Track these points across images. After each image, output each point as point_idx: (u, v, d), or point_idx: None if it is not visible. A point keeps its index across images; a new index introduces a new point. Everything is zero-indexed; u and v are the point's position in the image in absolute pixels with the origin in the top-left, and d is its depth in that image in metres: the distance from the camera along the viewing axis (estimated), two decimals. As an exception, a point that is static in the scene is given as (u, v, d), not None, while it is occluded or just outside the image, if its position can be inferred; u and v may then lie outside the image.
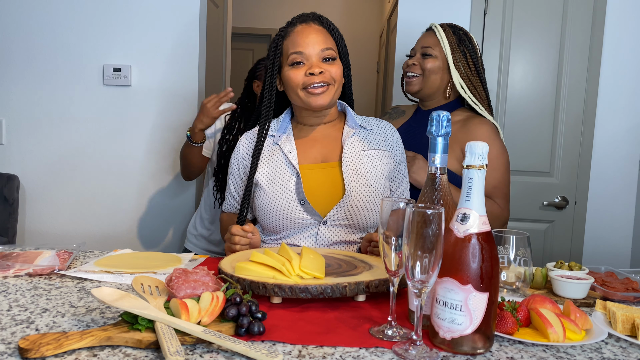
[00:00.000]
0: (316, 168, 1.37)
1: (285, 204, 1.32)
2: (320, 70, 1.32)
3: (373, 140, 1.42)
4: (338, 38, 1.40)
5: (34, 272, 1.17)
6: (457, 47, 1.70)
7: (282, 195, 1.33)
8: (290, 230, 1.35)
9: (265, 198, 1.35)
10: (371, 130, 1.44)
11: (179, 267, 1.08)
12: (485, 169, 0.83)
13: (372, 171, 1.37)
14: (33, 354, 0.75)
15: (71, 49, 2.59)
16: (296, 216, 1.32)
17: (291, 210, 1.32)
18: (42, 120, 2.62)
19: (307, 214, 1.33)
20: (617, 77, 2.46)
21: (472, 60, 1.71)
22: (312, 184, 1.35)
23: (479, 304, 0.81)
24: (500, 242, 1.07)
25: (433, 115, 0.90)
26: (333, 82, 1.34)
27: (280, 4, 4.96)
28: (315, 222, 1.34)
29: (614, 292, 1.12)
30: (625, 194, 2.50)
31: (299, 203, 1.32)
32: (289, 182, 1.34)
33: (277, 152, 1.40)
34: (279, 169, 1.37)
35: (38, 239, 2.66)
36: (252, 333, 0.84)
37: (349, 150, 1.38)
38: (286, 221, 1.33)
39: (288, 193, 1.33)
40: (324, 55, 1.34)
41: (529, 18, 2.44)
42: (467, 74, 1.70)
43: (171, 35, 2.57)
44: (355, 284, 1.00)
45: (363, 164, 1.37)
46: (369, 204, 1.33)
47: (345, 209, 1.32)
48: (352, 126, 1.42)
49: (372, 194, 1.34)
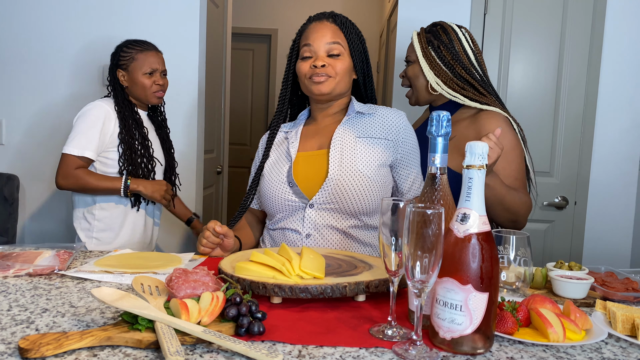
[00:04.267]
0: (309, 155, 1.46)
1: (276, 187, 1.44)
2: (322, 63, 1.42)
3: (371, 127, 1.46)
4: (350, 35, 1.47)
5: (34, 272, 1.17)
6: (428, 45, 1.67)
7: (275, 179, 1.45)
8: (282, 213, 1.45)
9: (263, 182, 1.49)
10: (371, 117, 1.48)
11: (179, 267, 1.08)
12: (485, 169, 0.83)
13: (363, 157, 1.40)
14: (33, 354, 0.75)
15: (71, 49, 2.59)
16: (285, 198, 1.42)
17: (281, 192, 1.43)
18: (42, 120, 2.62)
19: (295, 196, 1.42)
20: (617, 77, 2.46)
21: (447, 52, 1.65)
22: (302, 168, 1.44)
23: (479, 304, 0.81)
24: (500, 242, 1.07)
25: (433, 115, 0.90)
26: (335, 75, 1.43)
27: (280, 4, 4.96)
28: (302, 204, 1.41)
29: (614, 292, 1.12)
30: (625, 194, 2.50)
31: (288, 185, 1.42)
32: (283, 168, 1.46)
33: (284, 145, 1.52)
34: (280, 158, 1.50)
35: (38, 239, 2.66)
36: (252, 333, 0.84)
37: (338, 137, 1.44)
38: (277, 203, 1.43)
39: (280, 177, 1.45)
40: (330, 50, 1.44)
41: (529, 18, 2.44)
42: (444, 67, 1.66)
43: (171, 35, 2.57)
44: (355, 284, 1.00)
45: (353, 150, 1.41)
46: (354, 188, 1.37)
47: (329, 192, 1.38)
48: (349, 113, 1.48)
49: (359, 179, 1.37)
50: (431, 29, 1.71)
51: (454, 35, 1.67)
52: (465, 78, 1.66)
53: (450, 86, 1.65)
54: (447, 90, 1.65)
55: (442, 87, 1.66)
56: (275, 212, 1.45)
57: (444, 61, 1.66)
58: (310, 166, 1.44)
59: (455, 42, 1.66)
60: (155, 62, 2.02)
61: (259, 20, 4.99)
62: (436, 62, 1.66)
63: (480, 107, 1.64)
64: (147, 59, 2.00)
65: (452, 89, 1.65)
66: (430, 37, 1.68)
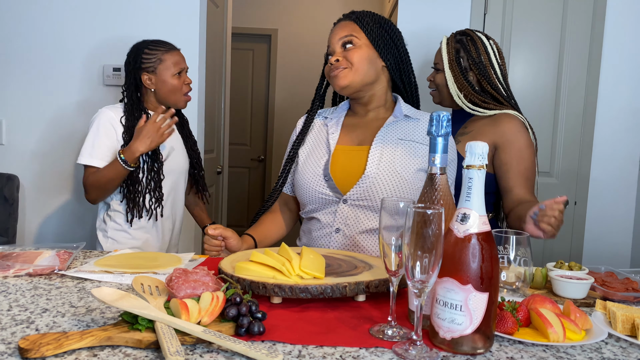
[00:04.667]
0: (348, 149, 1.45)
1: (311, 178, 1.43)
2: (336, 58, 1.43)
3: (415, 132, 1.45)
4: (368, 25, 1.45)
5: (34, 272, 1.17)
6: (455, 56, 1.75)
7: (311, 170, 1.45)
8: (314, 205, 1.44)
9: (298, 170, 1.48)
10: (417, 122, 1.47)
11: (179, 267, 1.08)
12: (485, 168, 0.83)
13: (403, 160, 1.39)
14: (33, 354, 0.75)
15: (71, 49, 2.59)
16: (319, 191, 1.42)
17: (315, 184, 1.42)
18: (42, 120, 2.62)
19: (329, 190, 1.41)
20: (617, 77, 2.46)
21: (474, 65, 1.74)
22: (340, 162, 1.43)
23: (479, 304, 0.81)
24: (500, 242, 1.07)
25: (433, 115, 0.90)
26: (350, 66, 1.42)
27: (280, 4, 4.96)
28: (336, 199, 1.40)
29: (614, 292, 1.12)
30: (625, 194, 2.50)
31: (324, 178, 1.42)
32: (321, 159, 1.45)
33: (323, 133, 1.51)
34: (317, 147, 1.49)
35: (38, 239, 2.66)
36: (252, 333, 0.84)
37: (382, 136, 1.43)
38: (310, 195, 1.43)
39: (317, 168, 1.44)
40: (342, 42, 1.44)
41: (529, 18, 2.44)
42: (467, 82, 1.74)
43: (171, 35, 2.57)
44: (355, 284, 1.00)
45: (394, 151, 1.40)
46: (390, 188, 1.36)
47: (364, 190, 1.37)
48: (397, 115, 1.47)
49: (395, 180, 1.36)
50: (460, 38, 1.77)
51: (482, 48, 1.74)
52: (490, 92, 1.74)
53: (471, 100, 1.75)
54: (467, 104, 1.75)
55: (462, 100, 1.75)
56: (307, 203, 1.45)
57: (467, 74, 1.74)
58: (348, 161, 1.42)
59: (483, 54, 1.74)
60: (182, 60, 1.95)
61: (259, 20, 4.99)
62: (460, 77, 1.74)
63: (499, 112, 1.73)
64: (173, 58, 1.93)
65: (473, 103, 1.75)
66: (459, 48, 1.76)
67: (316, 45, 4.87)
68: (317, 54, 4.82)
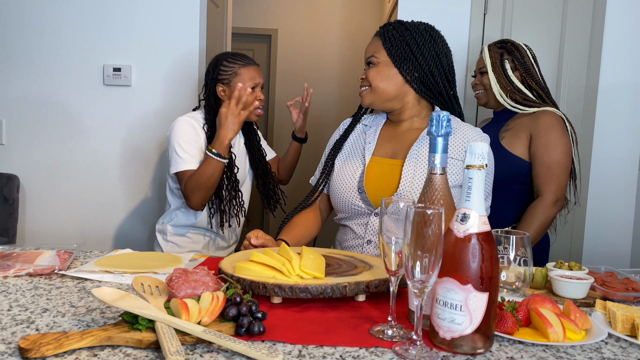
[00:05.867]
0: (382, 162, 1.45)
1: (345, 189, 1.46)
2: (361, 77, 1.50)
3: (450, 146, 1.41)
4: (389, 41, 1.44)
5: (34, 272, 1.17)
6: (500, 59, 1.92)
7: (345, 181, 1.47)
8: (346, 214, 1.48)
9: (334, 179, 1.51)
10: (452, 136, 1.43)
11: (179, 267, 1.08)
12: (485, 168, 0.84)
13: None
14: (33, 353, 0.75)
15: (71, 49, 2.59)
16: (352, 202, 1.44)
17: (349, 196, 1.45)
18: (42, 120, 2.62)
19: (362, 202, 1.43)
20: (617, 77, 2.46)
21: (520, 66, 1.89)
22: (373, 176, 1.44)
23: (479, 304, 0.81)
24: (500, 242, 1.07)
25: (433, 115, 0.90)
26: (368, 85, 1.47)
27: (280, 4, 4.96)
28: (368, 211, 1.42)
29: (614, 292, 1.12)
30: (625, 194, 2.50)
31: (357, 191, 1.44)
32: (357, 170, 1.47)
33: (361, 140, 1.54)
34: (353, 155, 1.51)
35: (38, 239, 2.66)
36: (252, 333, 0.84)
37: (415, 151, 1.42)
38: (344, 204, 1.46)
39: (351, 180, 1.46)
40: (366, 61, 1.49)
41: (529, 18, 2.45)
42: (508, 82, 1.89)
43: (171, 35, 2.57)
44: (355, 284, 1.00)
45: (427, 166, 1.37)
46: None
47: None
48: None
49: None
50: (503, 45, 1.94)
51: (524, 52, 1.92)
52: (535, 89, 1.90)
53: (512, 98, 1.89)
54: (509, 102, 1.89)
55: (504, 98, 1.90)
56: (341, 211, 1.49)
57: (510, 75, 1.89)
58: (382, 175, 1.42)
59: (526, 57, 1.91)
60: (257, 76, 1.92)
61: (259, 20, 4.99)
62: (502, 77, 1.90)
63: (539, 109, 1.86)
64: (249, 73, 1.90)
65: (514, 101, 1.89)
66: (503, 52, 1.93)
67: (316, 45, 4.87)
68: (317, 54, 4.82)
